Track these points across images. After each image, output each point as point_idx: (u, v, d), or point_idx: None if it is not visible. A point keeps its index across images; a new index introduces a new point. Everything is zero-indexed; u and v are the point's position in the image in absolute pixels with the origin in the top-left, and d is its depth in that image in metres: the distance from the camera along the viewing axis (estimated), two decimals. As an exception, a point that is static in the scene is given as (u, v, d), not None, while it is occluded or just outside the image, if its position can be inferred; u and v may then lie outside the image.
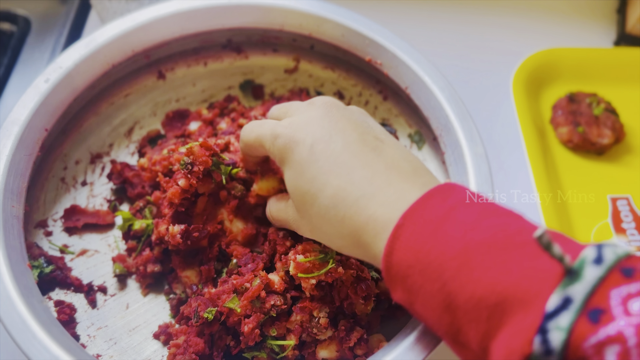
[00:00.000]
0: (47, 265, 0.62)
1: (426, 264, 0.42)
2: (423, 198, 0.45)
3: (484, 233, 0.41)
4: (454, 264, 0.41)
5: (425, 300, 0.43)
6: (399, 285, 0.45)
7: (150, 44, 0.73)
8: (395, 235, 0.44)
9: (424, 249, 0.43)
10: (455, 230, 0.42)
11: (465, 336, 0.41)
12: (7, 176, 0.59)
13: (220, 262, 0.64)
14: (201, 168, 0.59)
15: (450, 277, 0.41)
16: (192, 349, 0.57)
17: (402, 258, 0.44)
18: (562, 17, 0.97)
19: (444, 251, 0.42)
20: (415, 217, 0.44)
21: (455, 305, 0.41)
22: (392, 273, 0.45)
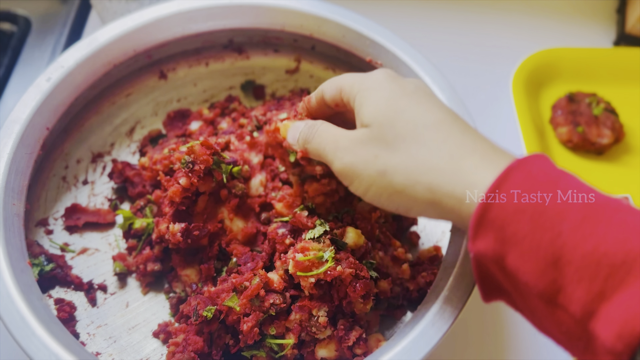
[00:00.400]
0: (47, 264, 0.63)
1: (541, 211, 0.38)
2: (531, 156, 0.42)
3: (607, 197, 0.38)
4: (576, 216, 0.37)
5: (526, 251, 0.38)
6: (492, 232, 0.40)
7: (152, 44, 0.74)
8: (505, 176, 0.40)
9: (540, 195, 0.39)
10: (575, 184, 0.39)
11: (568, 297, 0.37)
12: (8, 174, 0.59)
13: (220, 261, 0.64)
14: (202, 167, 0.60)
15: (569, 227, 0.37)
16: (191, 347, 0.57)
17: (508, 203, 0.39)
18: (561, 17, 0.98)
19: (565, 200, 0.38)
20: (529, 164, 0.41)
21: (566, 260, 0.37)
22: (489, 217, 0.40)
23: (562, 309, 0.38)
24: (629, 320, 0.33)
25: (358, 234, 0.59)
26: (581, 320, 0.37)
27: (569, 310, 0.37)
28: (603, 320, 0.35)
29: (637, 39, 0.93)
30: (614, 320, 0.34)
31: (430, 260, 0.65)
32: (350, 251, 0.58)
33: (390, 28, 0.72)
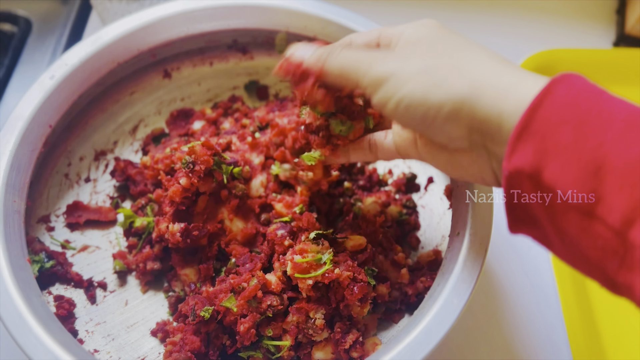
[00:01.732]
0: (47, 260, 0.63)
1: (584, 120, 0.38)
2: (570, 74, 0.41)
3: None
4: (620, 125, 0.37)
5: (567, 162, 0.38)
6: (532, 144, 0.39)
7: (156, 43, 0.74)
8: (549, 89, 0.39)
9: (583, 106, 0.38)
10: (617, 98, 0.38)
11: (608, 206, 0.36)
12: (10, 171, 0.60)
13: (219, 261, 0.64)
14: (202, 167, 0.60)
15: (613, 136, 0.36)
16: (188, 346, 0.57)
17: (553, 112, 0.39)
18: (561, 18, 0.97)
19: (610, 110, 0.37)
20: (571, 78, 0.40)
21: (608, 168, 0.36)
22: (532, 129, 0.39)
23: (600, 220, 0.37)
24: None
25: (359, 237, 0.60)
26: (620, 230, 0.36)
27: (608, 220, 0.36)
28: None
29: (636, 40, 0.93)
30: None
31: (429, 264, 0.65)
32: (350, 254, 0.58)
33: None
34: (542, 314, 0.70)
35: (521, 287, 0.72)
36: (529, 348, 0.68)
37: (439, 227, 0.69)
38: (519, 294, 0.72)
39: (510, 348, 0.68)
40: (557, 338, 0.68)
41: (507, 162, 0.41)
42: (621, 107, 0.38)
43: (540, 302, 0.71)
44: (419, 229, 0.70)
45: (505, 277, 0.73)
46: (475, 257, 0.55)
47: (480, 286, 0.71)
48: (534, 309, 0.71)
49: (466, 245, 0.56)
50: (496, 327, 0.69)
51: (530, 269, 0.73)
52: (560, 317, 0.69)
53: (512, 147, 0.40)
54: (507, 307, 0.71)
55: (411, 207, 0.71)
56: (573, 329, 0.68)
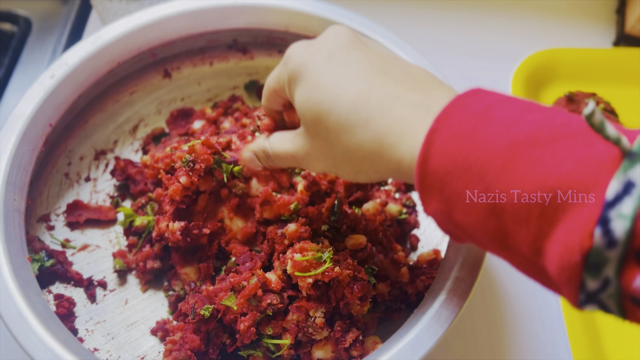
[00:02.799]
0: (47, 259, 0.63)
1: (466, 168, 0.39)
2: (456, 100, 0.41)
3: (528, 127, 0.37)
4: (497, 164, 0.37)
5: (466, 207, 0.39)
6: (435, 195, 0.41)
7: (156, 43, 0.74)
8: (429, 141, 0.40)
9: (462, 153, 0.39)
10: (496, 128, 0.38)
11: (514, 240, 0.38)
12: (10, 170, 0.60)
13: (219, 260, 0.64)
14: (202, 166, 0.60)
15: (493, 178, 0.37)
16: (188, 345, 0.57)
17: (438, 165, 0.40)
18: (561, 18, 0.97)
19: (485, 151, 0.38)
20: (450, 119, 0.40)
21: (500, 208, 0.37)
22: (428, 183, 0.41)
23: (514, 250, 0.39)
24: (564, 254, 0.34)
25: (359, 235, 0.60)
26: (532, 258, 0.37)
27: (520, 251, 0.38)
28: (548, 256, 0.36)
29: (636, 40, 0.93)
30: (554, 256, 0.35)
31: (429, 263, 0.65)
32: (350, 253, 0.58)
33: (392, 29, 0.72)
34: (542, 314, 0.70)
35: (521, 287, 0.72)
36: (529, 348, 0.68)
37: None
38: (519, 294, 0.72)
39: (510, 348, 0.68)
40: (557, 338, 0.68)
41: (424, 208, 0.43)
42: (498, 139, 0.38)
43: (540, 302, 0.71)
44: (419, 228, 0.70)
45: (505, 277, 0.73)
46: (476, 256, 0.55)
47: (480, 286, 0.71)
48: (534, 309, 0.71)
49: (466, 244, 0.56)
50: (496, 327, 0.69)
51: (530, 268, 0.73)
52: (560, 317, 0.69)
53: (422, 199, 0.43)
54: (507, 307, 0.71)
55: (411, 206, 0.71)
56: (573, 329, 0.68)
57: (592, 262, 0.33)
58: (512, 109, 0.39)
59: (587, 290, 0.34)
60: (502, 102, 0.40)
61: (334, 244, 0.59)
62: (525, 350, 0.68)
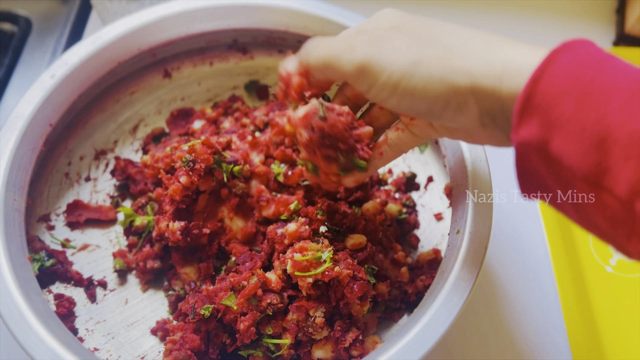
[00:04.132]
0: (48, 259, 0.63)
1: (586, 91, 0.37)
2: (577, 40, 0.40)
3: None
4: (623, 94, 0.36)
5: (572, 134, 0.37)
6: (536, 116, 0.39)
7: (156, 43, 0.74)
8: (550, 59, 0.39)
9: (586, 76, 0.37)
10: (624, 65, 0.37)
11: (614, 178, 0.36)
12: (10, 170, 0.60)
13: (219, 260, 0.64)
14: (203, 166, 0.60)
15: (616, 107, 0.36)
16: (188, 345, 0.57)
17: (554, 83, 0.38)
18: (561, 18, 0.97)
19: (613, 79, 0.37)
20: (575, 46, 0.39)
21: (612, 139, 0.36)
22: (535, 102, 0.39)
23: (607, 191, 0.37)
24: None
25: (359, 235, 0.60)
26: (627, 201, 0.36)
27: (615, 191, 0.36)
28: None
29: (636, 39, 0.93)
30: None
31: (429, 263, 0.65)
32: (350, 253, 0.59)
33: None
34: (542, 314, 0.70)
35: (521, 287, 0.72)
36: (529, 348, 0.68)
37: (438, 226, 0.70)
38: (519, 294, 0.72)
39: (510, 348, 0.68)
40: (557, 338, 0.68)
41: (514, 135, 0.41)
42: (625, 75, 0.37)
43: (540, 302, 0.71)
44: (419, 228, 0.70)
45: (505, 276, 0.73)
46: (475, 256, 0.55)
47: (480, 286, 0.71)
48: (534, 309, 0.71)
49: (466, 244, 0.56)
50: (496, 327, 0.69)
51: (530, 269, 0.73)
52: (560, 317, 0.69)
53: (518, 120, 0.40)
54: (507, 306, 0.71)
55: (411, 206, 0.71)
56: (573, 329, 0.68)
57: None
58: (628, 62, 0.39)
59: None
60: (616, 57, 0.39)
61: (334, 244, 0.59)
62: (525, 350, 0.68)
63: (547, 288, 0.72)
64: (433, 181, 0.73)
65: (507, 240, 0.74)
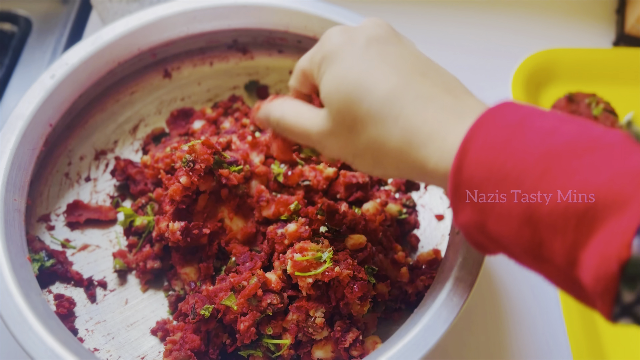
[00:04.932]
0: (48, 259, 0.63)
1: (502, 177, 0.38)
2: (491, 110, 0.41)
3: (565, 137, 0.37)
4: (534, 173, 0.37)
5: (500, 216, 0.39)
6: (468, 204, 0.41)
7: (156, 43, 0.74)
8: (463, 150, 0.40)
9: (498, 161, 0.39)
10: (532, 137, 0.38)
11: (549, 250, 0.37)
12: (10, 170, 0.60)
13: (219, 260, 0.64)
14: (203, 166, 0.60)
15: (530, 187, 0.37)
16: (188, 345, 0.57)
17: (472, 174, 0.40)
18: (561, 18, 0.97)
19: (522, 159, 0.38)
20: (485, 128, 0.40)
21: (537, 217, 0.37)
22: (461, 192, 0.41)
23: (548, 262, 0.38)
24: (601, 264, 0.33)
25: (359, 235, 0.60)
26: (566, 269, 0.37)
27: (554, 262, 0.37)
28: (583, 267, 0.35)
29: (636, 40, 0.93)
30: (590, 266, 0.34)
31: (429, 263, 0.65)
32: (350, 253, 0.59)
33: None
34: (542, 314, 0.70)
35: (521, 287, 0.72)
36: (529, 348, 0.68)
37: (438, 226, 0.70)
38: (519, 294, 0.72)
39: (510, 348, 0.68)
40: (557, 338, 0.68)
41: (455, 220, 0.43)
42: (535, 148, 0.38)
43: (540, 302, 0.71)
44: (419, 228, 0.70)
45: (505, 277, 0.73)
46: (475, 256, 0.55)
47: (480, 286, 0.71)
48: (534, 309, 0.71)
49: (466, 244, 0.56)
50: (496, 327, 0.69)
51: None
52: (560, 317, 0.69)
53: (453, 208, 0.43)
54: (507, 307, 0.71)
55: (411, 206, 0.71)
56: (573, 329, 0.68)
57: (630, 273, 0.32)
58: (547, 120, 0.39)
59: (622, 302, 0.34)
60: (537, 114, 0.40)
61: (334, 244, 0.59)
62: (525, 350, 0.68)
63: (547, 288, 0.72)
64: (433, 181, 0.73)
65: (507, 240, 0.74)
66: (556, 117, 0.39)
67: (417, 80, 0.45)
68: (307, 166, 0.67)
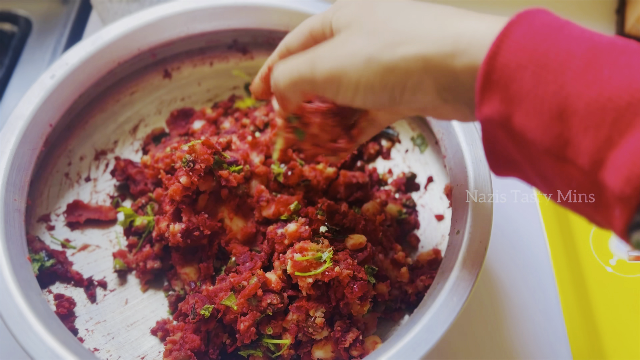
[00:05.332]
0: (48, 259, 0.63)
1: (543, 64, 0.37)
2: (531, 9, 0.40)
3: (613, 38, 0.36)
4: (578, 64, 0.36)
5: (532, 107, 0.37)
6: (497, 93, 0.39)
7: (156, 43, 0.74)
8: (506, 33, 0.39)
9: (541, 48, 0.37)
10: (579, 32, 0.37)
11: (575, 148, 0.36)
12: (10, 170, 0.60)
13: (219, 260, 0.64)
14: (203, 166, 0.60)
15: (572, 77, 0.36)
16: (188, 345, 0.57)
17: (511, 58, 0.38)
18: (561, 18, 0.97)
19: (568, 49, 0.36)
20: (530, 16, 0.39)
21: (571, 110, 0.35)
22: (494, 78, 0.39)
23: (570, 163, 0.37)
24: (636, 162, 0.32)
25: (359, 235, 0.60)
26: (590, 171, 0.35)
27: (578, 162, 0.36)
28: (611, 167, 0.34)
29: (636, 40, 0.93)
30: (621, 165, 0.33)
31: (429, 263, 0.65)
32: (350, 253, 0.59)
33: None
34: (542, 314, 0.70)
35: (521, 287, 0.72)
36: (529, 348, 0.68)
37: (438, 226, 0.70)
38: (519, 294, 0.72)
39: (510, 348, 0.68)
40: (557, 338, 0.68)
41: (478, 113, 0.41)
42: (580, 42, 0.37)
43: (540, 302, 0.71)
44: (419, 228, 0.70)
45: (505, 277, 0.73)
46: (475, 256, 0.55)
47: (480, 286, 0.71)
48: (534, 309, 0.71)
49: (466, 244, 0.56)
50: (496, 327, 0.69)
51: (530, 268, 0.73)
52: (560, 317, 0.69)
53: (480, 98, 0.40)
54: (507, 306, 0.71)
55: (411, 206, 0.71)
56: (573, 329, 0.68)
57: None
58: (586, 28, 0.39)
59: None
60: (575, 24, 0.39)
61: (334, 244, 0.59)
62: (525, 350, 0.68)
63: (547, 288, 0.72)
64: (433, 181, 0.73)
65: (507, 240, 0.74)
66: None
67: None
68: (307, 166, 0.67)
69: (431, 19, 0.43)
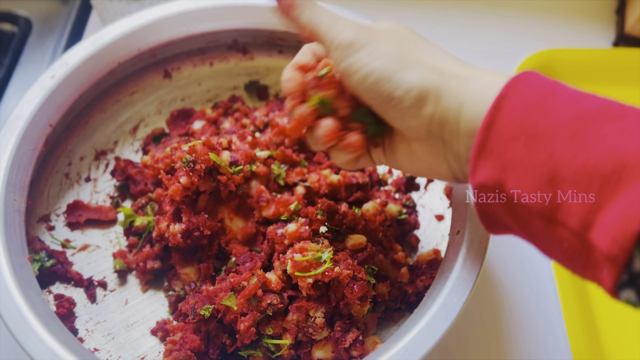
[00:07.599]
0: (48, 259, 0.63)
1: (533, 134, 0.40)
2: (523, 73, 0.43)
3: (597, 102, 0.39)
4: (565, 133, 0.38)
5: (524, 175, 0.40)
6: (490, 161, 0.42)
7: (156, 43, 0.74)
8: (497, 106, 0.41)
9: (531, 120, 0.40)
10: (565, 100, 0.40)
11: (566, 212, 0.38)
12: (10, 170, 0.60)
13: (219, 260, 0.64)
14: (203, 166, 0.60)
15: (560, 146, 0.38)
16: (188, 345, 0.57)
17: (503, 130, 0.41)
18: (561, 18, 0.97)
19: (555, 120, 0.39)
20: (519, 87, 0.42)
21: (561, 177, 0.38)
22: (488, 147, 0.42)
23: (561, 225, 0.39)
24: (621, 224, 0.34)
25: (359, 235, 0.60)
26: (580, 233, 0.38)
27: (568, 225, 0.38)
28: (599, 228, 0.36)
29: (636, 40, 0.93)
30: (608, 227, 0.35)
31: (429, 263, 0.65)
32: (350, 253, 0.59)
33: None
34: (542, 314, 0.70)
35: (521, 287, 0.72)
36: (529, 348, 0.68)
37: (438, 226, 0.70)
38: (519, 294, 0.72)
39: (510, 348, 0.68)
40: (557, 338, 0.69)
41: (471, 178, 0.43)
42: (567, 110, 0.39)
43: (540, 302, 0.71)
44: (419, 228, 0.70)
45: (505, 276, 0.73)
46: (475, 256, 0.55)
47: (480, 286, 0.71)
48: (534, 309, 0.71)
49: (466, 244, 0.56)
50: (496, 327, 0.69)
51: (530, 269, 0.73)
52: (560, 317, 0.69)
53: (474, 164, 0.43)
54: (507, 307, 0.71)
55: (411, 206, 0.71)
56: (573, 329, 0.68)
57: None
58: (575, 90, 0.41)
59: (632, 269, 0.34)
60: (563, 85, 0.41)
61: (334, 244, 0.59)
62: (525, 350, 0.68)
63: (547, 288, 0.72)
64: (433, 181, 0.73)
65: (507, 240, 0.74)
66: (582, 91, 0.41)
67: (450, 55, 0.49)
68: (313, 173, 0.66)
69: (455, 60, 0.47)
